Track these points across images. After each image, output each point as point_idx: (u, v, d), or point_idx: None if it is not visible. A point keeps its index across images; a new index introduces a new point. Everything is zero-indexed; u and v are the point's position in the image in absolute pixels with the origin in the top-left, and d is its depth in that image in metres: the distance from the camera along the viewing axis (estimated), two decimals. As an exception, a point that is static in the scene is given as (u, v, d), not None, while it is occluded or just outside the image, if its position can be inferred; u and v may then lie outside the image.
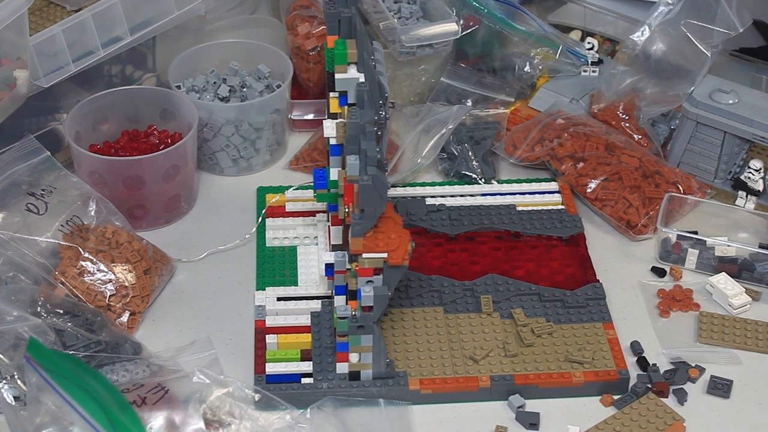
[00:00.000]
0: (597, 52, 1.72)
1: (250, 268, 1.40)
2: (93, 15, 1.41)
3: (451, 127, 1.53)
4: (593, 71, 1.70)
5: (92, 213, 1.36)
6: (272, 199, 1.47)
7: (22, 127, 1.46)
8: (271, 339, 1.28)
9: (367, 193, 1.12)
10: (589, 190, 1.48)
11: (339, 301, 1.22)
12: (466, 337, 1.30)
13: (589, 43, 1.73)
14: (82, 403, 1.05)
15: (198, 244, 1.44)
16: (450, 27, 1.55)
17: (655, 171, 1.50)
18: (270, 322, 1.31)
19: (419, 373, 1.25)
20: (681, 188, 1.48)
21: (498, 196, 1.50)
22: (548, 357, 1.27)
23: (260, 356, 1.27)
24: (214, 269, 1.42)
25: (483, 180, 1.53)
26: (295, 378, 1.25)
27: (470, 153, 1.54)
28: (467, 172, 1.53)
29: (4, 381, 1.14)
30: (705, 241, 1.43)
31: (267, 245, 1.43)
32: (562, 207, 1.48)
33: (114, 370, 1.21)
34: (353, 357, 1.23)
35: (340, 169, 1.22)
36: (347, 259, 1.20)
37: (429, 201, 1.49)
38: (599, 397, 1.26)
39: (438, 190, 1.51)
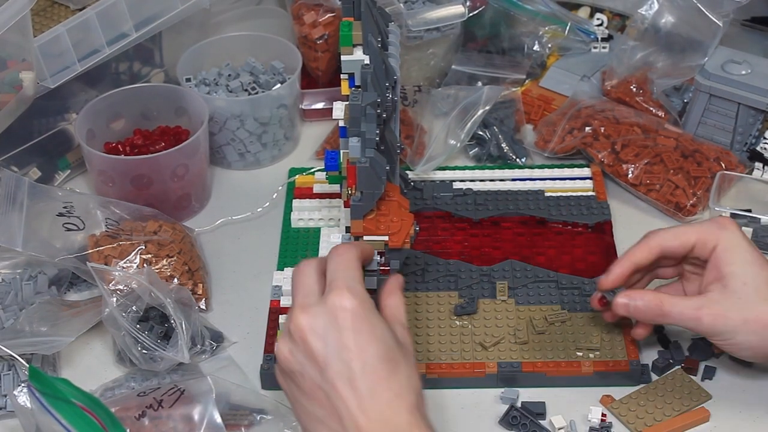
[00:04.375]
0: (607, 27, 1.69)
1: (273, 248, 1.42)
2: (97, 13, 1.42)
3: (482, 110, 1.51)
4: (603, 47, 1.67)
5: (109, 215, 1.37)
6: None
7: (31, 129, 1.47)
8: (284, 319, 1.28)
9: (364, 174, 1.13)
10: (631, 176, 1.45)
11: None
12: (478, 323, 1.28)
13: (598, 19, 1.70)
14: (78, 426, 1.05)
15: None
16: (456, 9, 1.53)
17: (694, 150, 1.46)
18: (285, 302, 1.32)
19: (426, 357, 1.24)
20: (723, 164, 1.45)
21: (528, 182, 1.47)
22: (559, 345, 1.25)
23: (271, 336, 1.28)
24: (234, 242, 1.44)
25: (523, 160, 1.51)
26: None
27: (499, 135, 1.53)
28: (501, 154, 1.52)
29: (21, 385, 1.13)
30: (759, 219, 1.39)
31: (292, 226, 1.44)
32: (593, 193, 1.45)
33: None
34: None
35: (344, 151, 1.22)
36: (353, 241, 1.19)
37: (458, 185, 1.47)
38: (602, 395, 1.22)
39: (468, 174, 1.50)
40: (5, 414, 1.22)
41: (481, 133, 1.53)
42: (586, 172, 1.49)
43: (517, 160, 1.52)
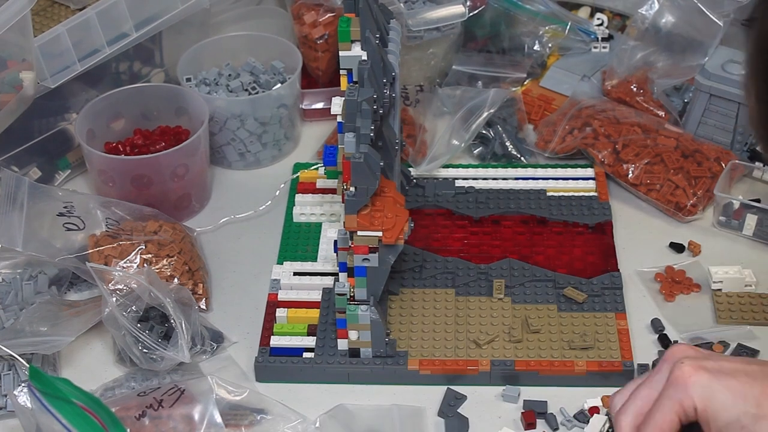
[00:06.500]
0: (607, 27, 1.69)
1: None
2: (97, 13, 1.42)
3: (487, 113, 1.50)
4: (604, 47, 1.67)
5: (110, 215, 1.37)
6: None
7: (31, 129, 1.47)
8: (281, 313, 1.30)
9: (358, 169, 1.14)
10: (631, 176, 1.44)
11: (342, 278, 1.22)
12: (474, 320, 1.28)
13: (598, 19, 1.70)
14: (78, 426, 1.05)
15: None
16: (457, 9, 1.53)
17: (694, 149, 1.45)
18: (282, 296, 1.32)
19: (420, 353, 1.24)
20: (723, 164, 1.44)
21: (530, 181, 1.47)
22: (553, 344, 1.24)
23: (267, 329, 1.29)
24: (234, 242, 1.44)
25: (526, 158, 1.51)
26: (298, 352, 1.26)
27: (503, 134, 1.53)
28: (506, 153, 1.52)
29: (22, 385, 1.13)
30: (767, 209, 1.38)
31: (294, 221, 1.44)
32: (595, 194, 1.44)
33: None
34: (352, 334, 1.23)
35: (339, 146, 1.23)
36: (349, 236, 1.20)
37: (460, 183, 1.47)
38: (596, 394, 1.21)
39: (470, 172, 1.49)
40: (5, 414, 1.22)
41: (484, 132, 1.53)
42: (589, 172, 1.48)
43: (522, 158, 1.52)
